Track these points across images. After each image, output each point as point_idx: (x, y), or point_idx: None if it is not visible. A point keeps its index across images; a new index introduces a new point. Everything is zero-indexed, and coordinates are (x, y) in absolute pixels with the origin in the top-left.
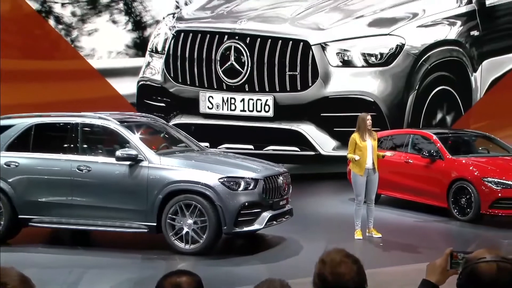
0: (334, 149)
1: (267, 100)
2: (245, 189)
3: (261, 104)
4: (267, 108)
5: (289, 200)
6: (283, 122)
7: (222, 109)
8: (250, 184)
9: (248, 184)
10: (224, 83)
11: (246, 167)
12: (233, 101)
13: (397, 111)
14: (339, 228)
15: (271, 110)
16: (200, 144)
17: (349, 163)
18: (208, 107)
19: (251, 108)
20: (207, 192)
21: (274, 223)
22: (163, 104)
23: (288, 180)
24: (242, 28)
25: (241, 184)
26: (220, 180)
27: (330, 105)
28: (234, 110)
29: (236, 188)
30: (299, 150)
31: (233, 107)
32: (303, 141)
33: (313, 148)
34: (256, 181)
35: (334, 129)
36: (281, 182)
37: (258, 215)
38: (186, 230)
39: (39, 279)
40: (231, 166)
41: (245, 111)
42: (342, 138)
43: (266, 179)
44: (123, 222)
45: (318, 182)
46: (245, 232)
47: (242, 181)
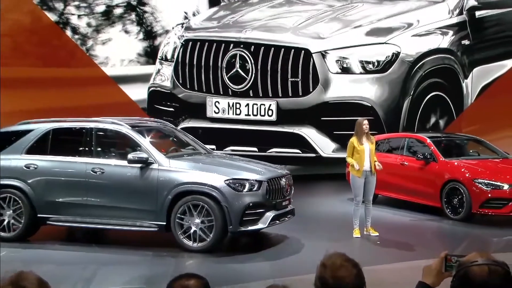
0: (333, 151)
1: (270, 105)
2: (250, 190)
3: (265, 108)
4: (270, 113)
5: (291, 200)
6: (286, 125)
7: (228, 114)
8: (254, 186)
9: (252, 186)
10: (229, 89)
11: (250, 169)
12: (238, 106)
13: (393, 115)
14: (338, 227)
15: (274, 115)
16: (206, 147)
17: (348, 165)
18: (214, 111)
19: (255, 113)
20: (214, 193)
21: (277, 222)
22: (172, 109)
23: (290, 182)
24: (247, 37)
25: (245, 185)
26: (226, 182)
27: (330, 109)
28: (239, 114)
29: (241, 189)
30: (301, 152)
31: (238, 111)
32: (304, 144)
33: (314, 150)
34: (260, 182)
35: (334, 132)
36: (283, 183)
37: (262, 215)
38: (194, 229)
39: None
40: (236, 168)
41: (250, 115)
42: (342, 141)
43: (269, 181)
44: (135, 221)
45: (318, 182)
46: (249, 231)
47: (246, 182)
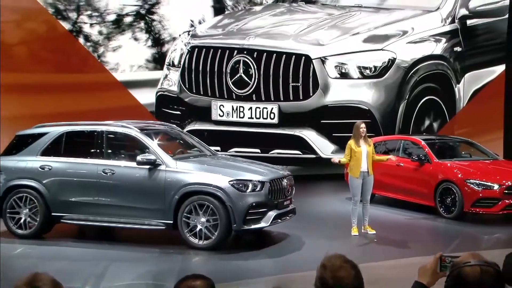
0: (333, 153)
1: (272, 108)
2: (253, 190)
3: (267, 112)
4: (272, 116)
5: (292, 200)
6: (287, 128)
7: (232, 117)
8: (257, 186)
9: (255, 186)
10: (233, 93)
11: (253, 170)
12: (241, 109)
13: (389, 118)
14: (337, 225)
15: (276, 118)
16: (211, 149)
17: (347, 166)
18: (219, 114)
19: (258, 116)
20: (219, 193)
21: (279, 221)
22: (178, 112)
23: (291, 182)
24: (250, 44)
25: (249, 186)
26: (230, 183)
27: (329, 113)
28: (242, 117)
29: (245, 189)
30: (301, 154)
31: (241, 114)
32: (305, 145)
33: (314, 151)
34: (262, 183)
35: (333, 134)
36: (285, 184)
37: (264, 214)
38: (199, 227)
39: (69, 270)
40: (240, 169)
41: (253, 118)
42: (340, 142)
43: (271, 182)
44: (143, 220)
45: (318, 182)
46: (252, 229)
47: (250, 183)
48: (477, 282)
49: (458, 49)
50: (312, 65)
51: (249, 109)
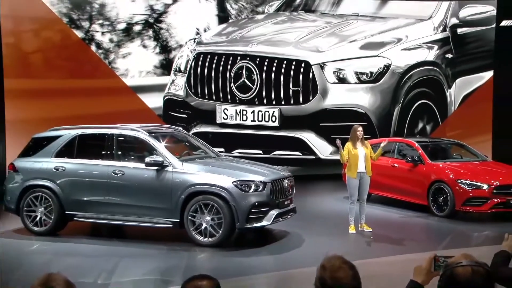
0: (331, 154)
1: (273, 111)
2: (255, 191)
3: (269, 115)
4: (274, 119)
5: (293, 199)
6: (288, 130)
7: (235, 120)
8: (260, 187)
9: (257, 187)
10: (237, 97)
11: (256, 171)
12: (244, 112)
13: (385, 121)
14: (335, 223)
15: (277, 120)
16: (216, 151)
17: (345, 167)
18: (223, 117)
19: (260, 119)
20: (223, 193)
21: (280, 219)
22: (185, 116)
23: (292, 183)
24: (253, 51)
25: (251, 186)
26: (234, 183)
27: (328, 116)
28: (245, 120)
29: (248, 190)
30: (301, 155)
31: (244, 117)
32: (305, 147)
33: (313, 153)
34: (264, 184)
35: (331, 136)
36: (286, 184)
37: (266, 213)
38: (204, 225)
39: (82, 265)
40: (243, 171)
41: (255, 121)
42: None
43: (273, 182)
44: (151, 218)
45: (317, 182)
46: (255, 227)
47: (252, 184)
48: (468, 281)
49: (449, 56)
50: (311, 71)
51: (251, 113)
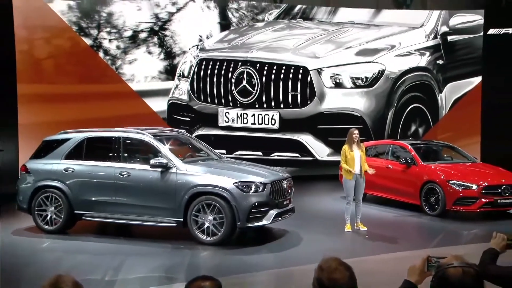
0: (328, 155)
1: (273, 115)
2: (256, 191)
3: (268, 118)
4: (273, 122)
5: (292, 200)
6: (286, 133)
7: (237, 123)
8: (260, 187)
9: (258, 187)
10: (238, 101)
11: (256, 173)
12: (245, 116)
13: (379, 124)
14: (332, 222)
15: (276, 123)
16: (217, 153)
17: (341, 168)
18: (225, 120)
19: (260, 122)
20: (224, 194)
21: (279, 219)
22: (188, 119)
23: (290, 183)
24: (253, 57)
25: (252, 187)
26: (235, 184)
27: (325, 119)
28: (246, 123)
29: (248, 190)
30: (299, 156)
31: (245, 120)
32: (303, 149)
33: (311, 154)
34: (264, 185)
35: (328, 138)
36: (285, 185)
37: (266, 213)
38: (207, 225)
39: (90, 262)
40: (244, 172)
41: (255, 124)
42: (335, 146)
43: (272, 183)
44: (156, 218)
45: (314, 182)
46: (255, 226)
47: (253, 185)
48: (459, 282)
49: (440, 62)
50: (309, 76)
51: (252, 116)
